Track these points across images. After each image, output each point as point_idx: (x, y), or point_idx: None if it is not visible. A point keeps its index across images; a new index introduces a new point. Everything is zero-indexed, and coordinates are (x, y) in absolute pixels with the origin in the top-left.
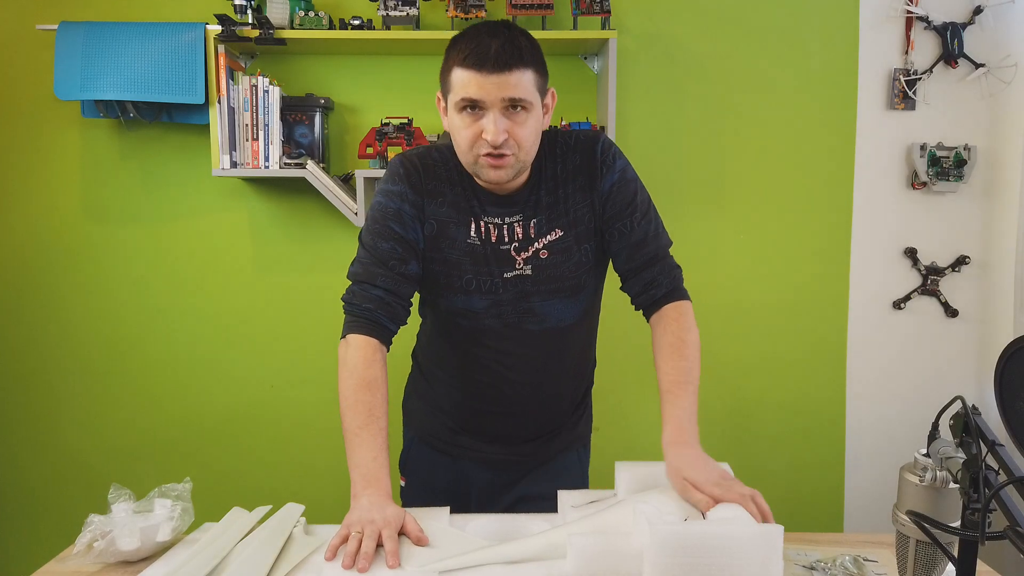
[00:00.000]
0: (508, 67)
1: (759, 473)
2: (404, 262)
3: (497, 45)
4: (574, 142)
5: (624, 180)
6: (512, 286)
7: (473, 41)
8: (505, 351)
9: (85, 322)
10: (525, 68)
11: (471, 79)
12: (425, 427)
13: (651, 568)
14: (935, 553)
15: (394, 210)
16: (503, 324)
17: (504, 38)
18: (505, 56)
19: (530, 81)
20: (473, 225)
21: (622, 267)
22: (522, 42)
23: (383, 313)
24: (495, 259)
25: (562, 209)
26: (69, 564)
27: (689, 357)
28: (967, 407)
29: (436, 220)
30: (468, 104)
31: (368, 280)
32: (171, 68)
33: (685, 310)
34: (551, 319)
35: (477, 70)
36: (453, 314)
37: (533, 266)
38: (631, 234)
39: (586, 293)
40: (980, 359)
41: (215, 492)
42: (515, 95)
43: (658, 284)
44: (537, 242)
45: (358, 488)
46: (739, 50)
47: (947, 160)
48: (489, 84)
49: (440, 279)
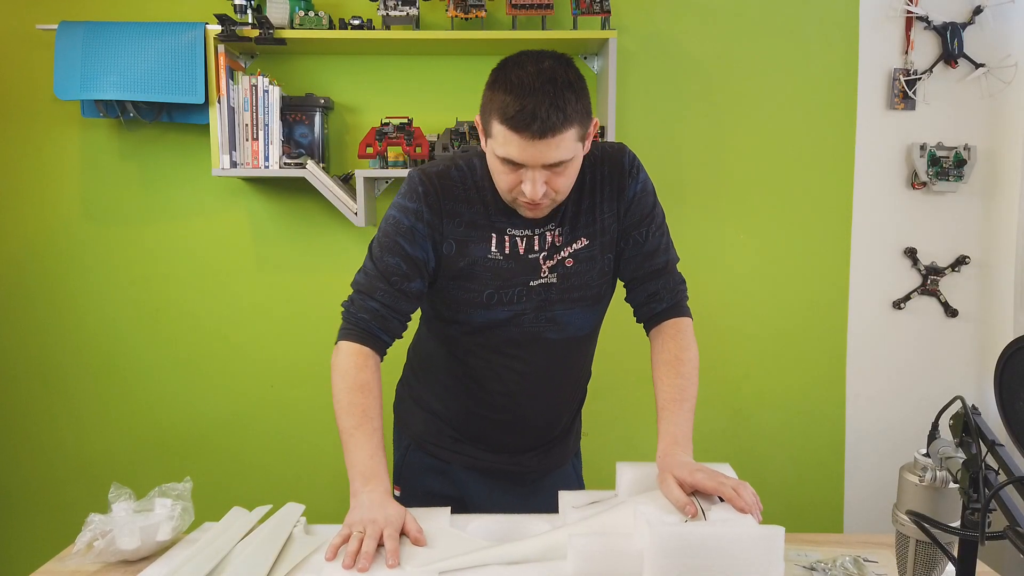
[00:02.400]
0: (552, 133)
1: (759, 473)
2: (407, 279)
3: (544, 108)
4: (601, 153)
5: (645, 190)
6: (536, 295)
7: (518, 99)
8: (522, 358)
9: (85, 322)
10: (569, 128)
11: (513, 140)
12: (423, 434)
13: (651, 569)
14: (935, 553)
15: (407, 227)
16: (522, 333)
17: (550, 99)
18: (550, 123)
19: (572, 138)
20: (494, 240)
21: (630, 275)
22: (568, 100)
23: (378, 325)
24: (521, 270)
25: (589, 218)
26: (69, 563)
27: (686, 375)
28: (967, 407)
29: (455, 240)
30: (508, 161)
31: (368, 292)
32: (171, 68)
33: (684, 327)
34: (570, 328)
35: (519, 134)
36: (472, 327)
37: (559, 274)
38: (645, 243)
39: (603, 304)
40: (980, 359)
41: (215, 492)
42: (556, 159)
43: (660, 298)
44: (563, 250)
45: (357, 486)
46: (739, 50)
47: (947, 160)
48: (531, 149)
49: (460, 296)
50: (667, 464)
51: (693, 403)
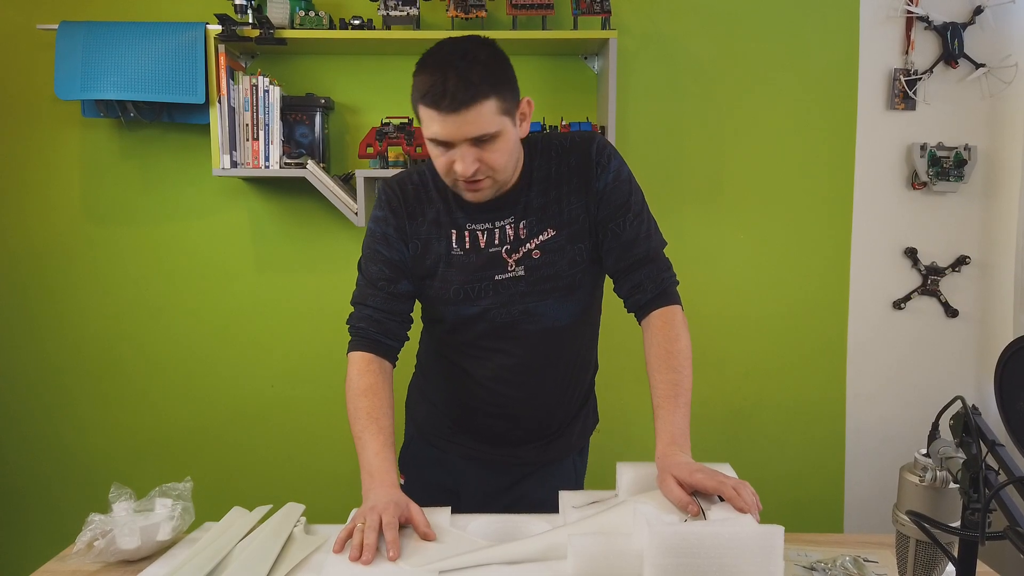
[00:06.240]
0: (465, 105)
1: (759, 473)
2: (393, 281)
3: (452, 81)
4: (569, 143)
5: (618, 180)
6: (504, 288)
7: (430, 75)
8: (502, 351)
9: (85, 322)
10: (484, 100)
11: (432, 118)
12: (425, 424)
13: (651, 569)
14: (935, 553)
15: (380, 234)
16: (497, 327)
17: (458, 71)
18: (460, 94)
19: (492, 111)
20: (455, 236)
21: (612, 267)
22: (476, 73)
23: (376, 330)
24: (484, 264)
25: (555, 210)
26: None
27: (677, 368)
28: (967, 407)
29: (419, 239)
30: (435, 141)
31: (362, 301)
32: (171, 68)
33: (672, 316)
34: (546, 319)
35: (436, 109)
36: (449, 322)
37: (526, 267)
38: (623, 234)
39: (582, 293)
40: (980, 359)
41: (215, 492)
42: (477, 132)
43: (644, 288)
44: (529, 243)
45: (365, 485)
46: (739, 50)
47: (947, 160)
48: (450, 123)
49: (431, 293)
50: (666, 464)
51: (688, 396)
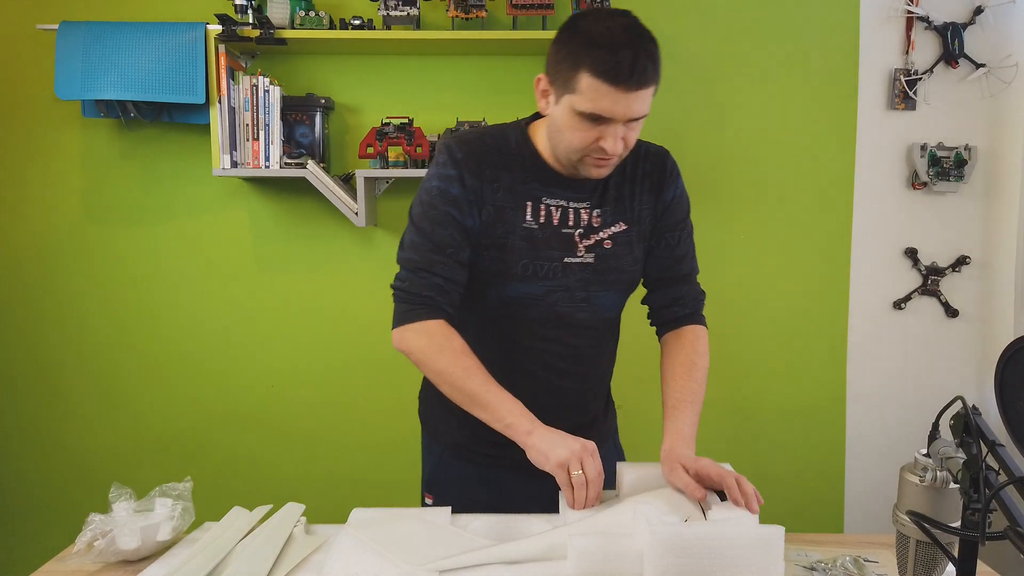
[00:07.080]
0: (645, 84)
1: (759, 473)
2: (461, 249)
3: (633, 58)
4: (645, 151)
5: (683, 197)
6: (573, 273)
7: (609, 49)
8: (556, 339)
9: (85, 322)
10: (656, 80)
11: (604, 93)
12: (458, 438)
13: (651, 569)
14: (935, 553)
15: (453, 196)
16: (557, 313)
17: (639, 49)
18: (640, 73)
19: (652, 92)
20: (530, 208)
21: (656, 276)
22: (654, 52)
23: (445, 301)
24: (555, 243)
25: (628, 205)
26: (70, 563)
27: (698, 379)
28: (967, 407)
29: (493, 206)
30: (590, 115)
31: (426, 267)
32: (172, 68)
33: (702, 335)
34: (602, 310)
35: (612, 84)
36: (504, 303)
37: (596, 255)
38: (677, 247)
39: (632, 291)
40: (980, 359)
41: (215, 492)
42: (642, 112)
43: (684, 303)
44: (602, 232)
45: (526, 426)
46: (739, 50)
47: (947, 160)
48: (624, 101)
49: (493, 266)
50: (673, 456)
51: (699, 408)
